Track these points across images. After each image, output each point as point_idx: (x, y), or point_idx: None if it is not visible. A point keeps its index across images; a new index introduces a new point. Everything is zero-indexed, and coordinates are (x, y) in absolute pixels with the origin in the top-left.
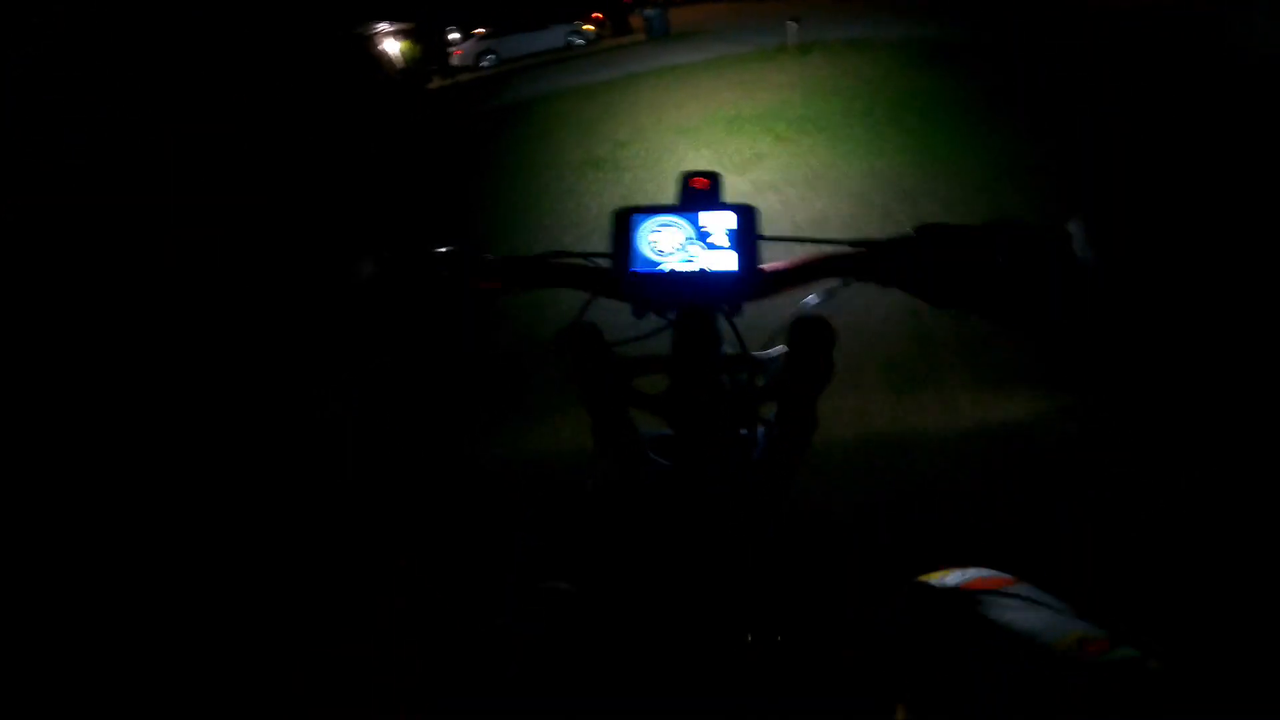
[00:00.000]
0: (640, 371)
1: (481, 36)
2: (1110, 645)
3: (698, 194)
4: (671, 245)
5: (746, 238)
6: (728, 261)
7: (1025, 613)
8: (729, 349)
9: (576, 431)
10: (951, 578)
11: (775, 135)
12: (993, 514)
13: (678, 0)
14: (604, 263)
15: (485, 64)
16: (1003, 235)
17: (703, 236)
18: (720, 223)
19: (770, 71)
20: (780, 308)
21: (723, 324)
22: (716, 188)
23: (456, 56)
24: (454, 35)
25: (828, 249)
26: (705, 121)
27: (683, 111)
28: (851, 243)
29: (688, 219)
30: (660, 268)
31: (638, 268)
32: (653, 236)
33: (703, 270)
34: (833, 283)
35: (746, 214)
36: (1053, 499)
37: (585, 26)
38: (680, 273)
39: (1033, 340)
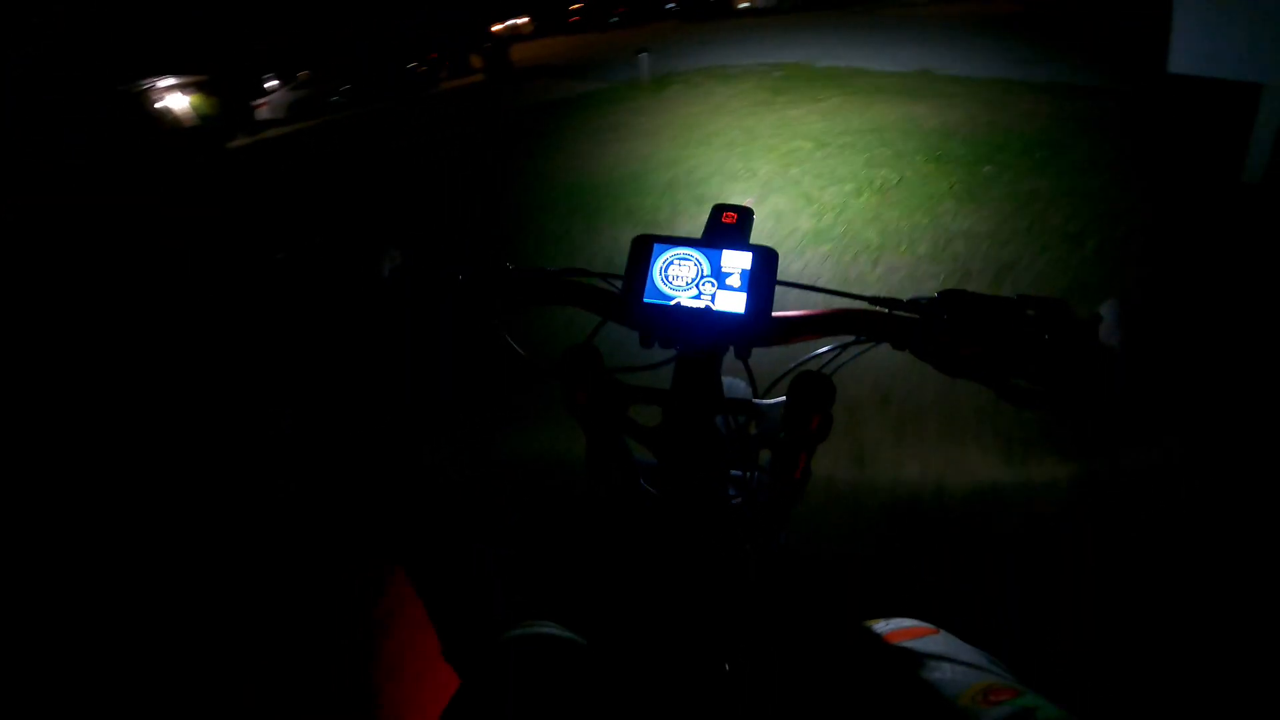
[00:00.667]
0: (636, 401)
1: (299, 84)
2: (1017, 694)
3: (725, 229)
4: (684, 280)
5: (761, 281)
6: (737, 304)
7: (938, 664)
8: (737, 391)
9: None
10: (878, 626)
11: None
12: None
13: (522, 35)
14: (618, 285)
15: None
16: (1027, 310)
17: (719, 274)
18: (738, 263)
19: (626, 114)
20: (795, 354)
21: (735, 363)
22: (745, 224)
23: (262, 109)
24: (272, 84)
25: (847, 303)
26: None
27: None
28: (871, 299)
29: (707, 255)
30: (671, 301)
31: (648, 298)
32: (670, 268)
33: (709, 309)
34: (846, 338)
35: (765, 256)
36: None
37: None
38: (688, 309)
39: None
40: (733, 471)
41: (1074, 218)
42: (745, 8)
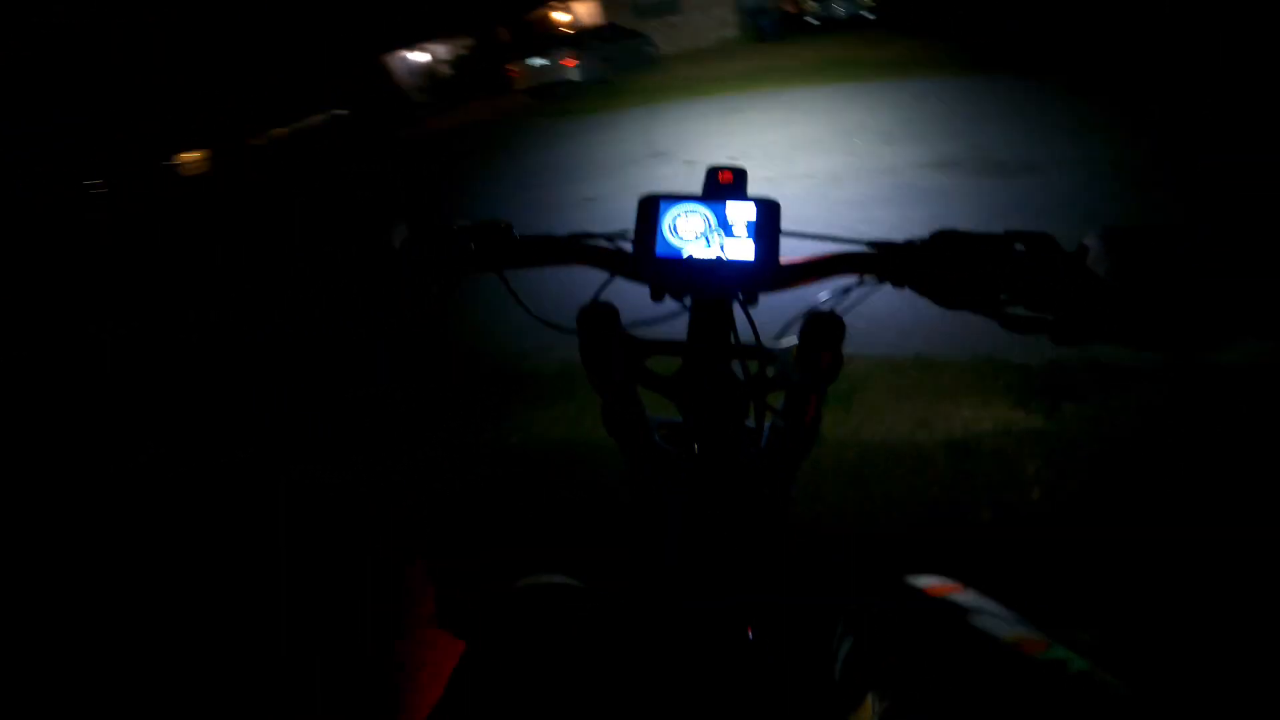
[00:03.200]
0: (653, 352)
1: None
2: (1047, 646)
3: (723, 187)
4: (694, 232)
5: (766, 230)
6: (745, 251)
7: (976, 617)
8: (743, 338)
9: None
10: (919, 582)
11: None
12: None
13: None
14: (626, 246)
15: None
16: (1015, 243)
17: (725, 226)
18: (743, 214)
19: None
20: (799, 301)
21: (739, 313)
22: (742, 182)
23: None
24: None
25: (846, 247)
26: None
27: None
28: (869, 243)
29: (712, 208)
30: (683, 253)
31: (660, 252)
32: (678, 222)
33: (720, 258)
34: (848, 280)
35: (769, 207)
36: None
37: None
38: (699, 259)
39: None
40: (748, 419)
41: None
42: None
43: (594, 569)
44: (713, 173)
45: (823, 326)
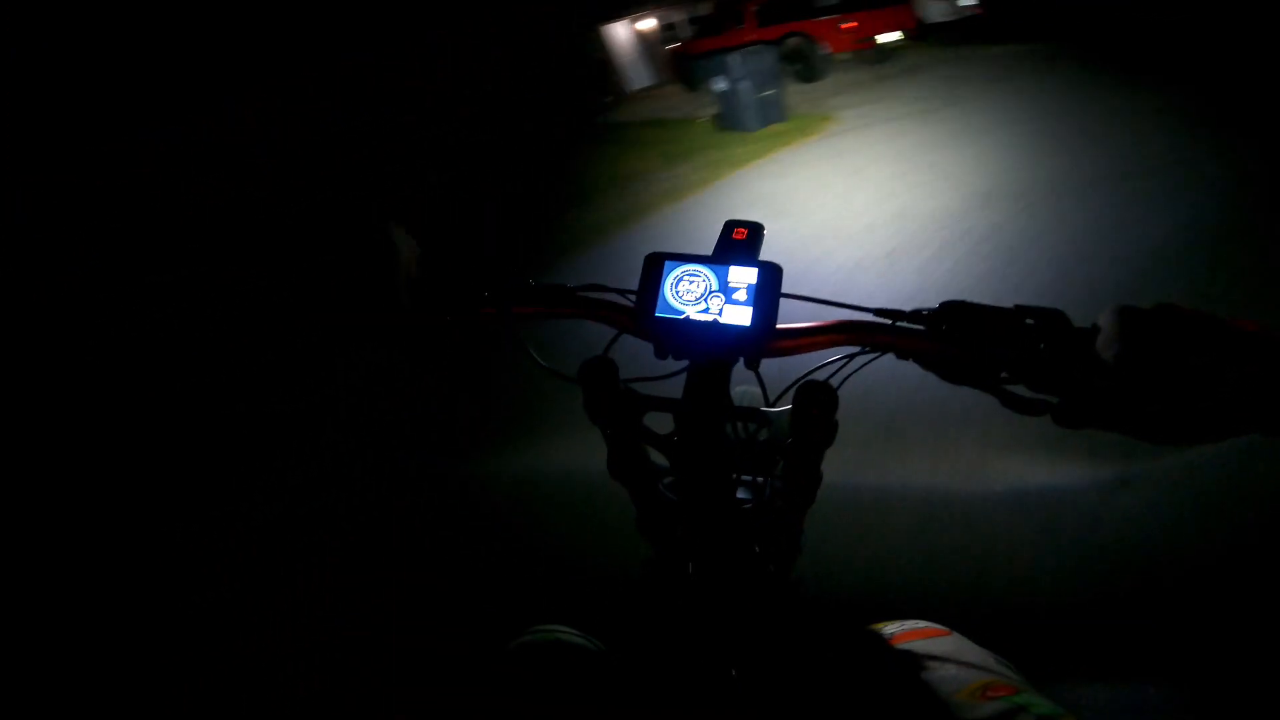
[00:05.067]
0: (651, 408)
1: None
2: (1015, 691)
3: (735, 245)
4: (694, 294)
5: (765, 295)
6: (742, 317)
7: (941, 664)
8: (748, 400)
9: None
10: (890, 628)
11: None
12: None
13: None
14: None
15: None
16: (1025, 319)
17: (726, 289)
18: (744, 278)
19: None
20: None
21: (746, 374)
22: (755, 240)
23: None
24: None
25: (849, 315)
26: None
27: None
28: (874, 311)
29: (715, 271)
30: (681, 315)
31: (659, 312)
32: (680, 284)
33: (716, 322)
34: (851, 349)
35: (770, 271)
36: None
37: None
38: (696, 322)
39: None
40: (745, 477)
41: None
42: None
43: (599, 616)
44: (729, 227)
45: (816, 396)
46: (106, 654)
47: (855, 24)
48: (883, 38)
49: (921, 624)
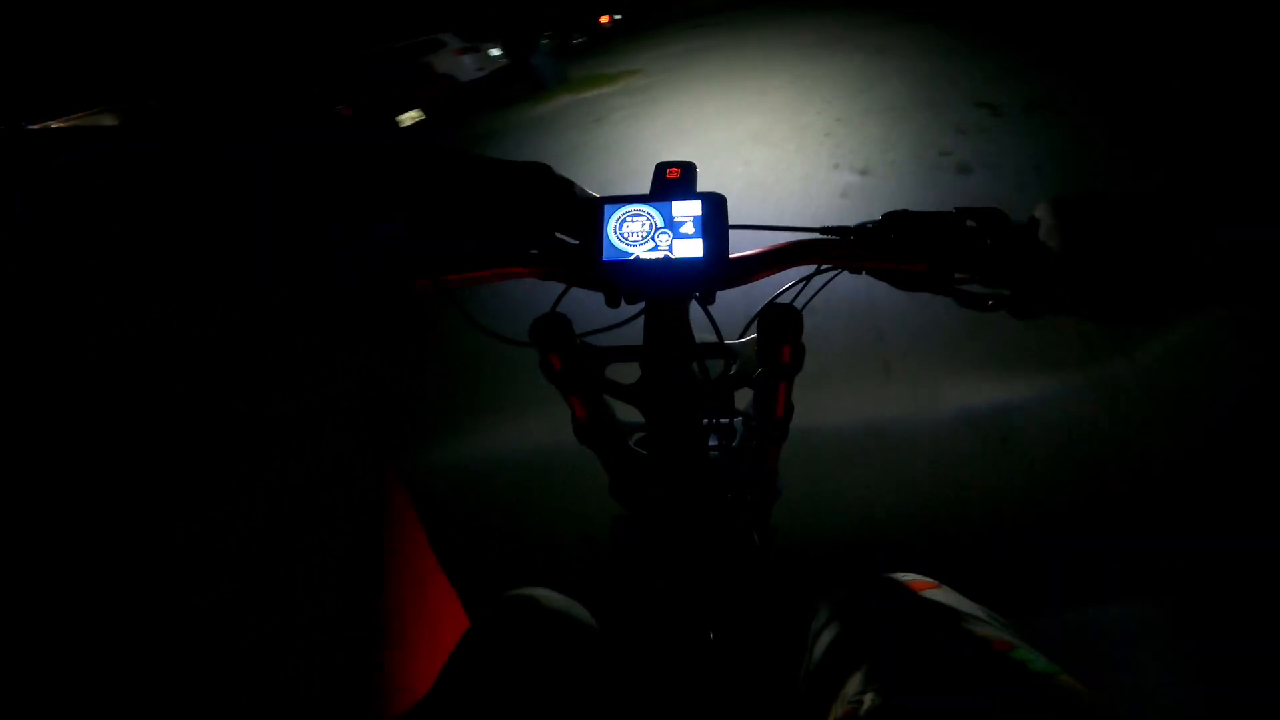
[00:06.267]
0: (613, 360)
1: None
2: (1012, 647)
3: (670, 184)
4: (640, 234)
5: (713, 226)
6: (694, 249)
7: (948, 614)
8: (704, 337)
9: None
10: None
11: None
12: None
13: None
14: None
15: None
16: (967, 220)
17: (672, 225)
18: (688, 211)
19: None
20: (761, 295)
21: (697, 312)
22: (690, 177)
23: None
24: None
25: (798, 236)
26: None
27: None
28: (820, 230)
29: (658, 208)
30: (629, 256)
31: (608, 256)
32: (623, 225)
33: (667, 258)
34: (804, 270)
35: (714, 202)
36: None
37: None
38: (647, 261)
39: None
40: (714, 421)
41: None
42: None
43: (579, 576)
44: (661, 169)
45: (781, 319)
46: (107, 655)
47: None
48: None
49: (912, 576)
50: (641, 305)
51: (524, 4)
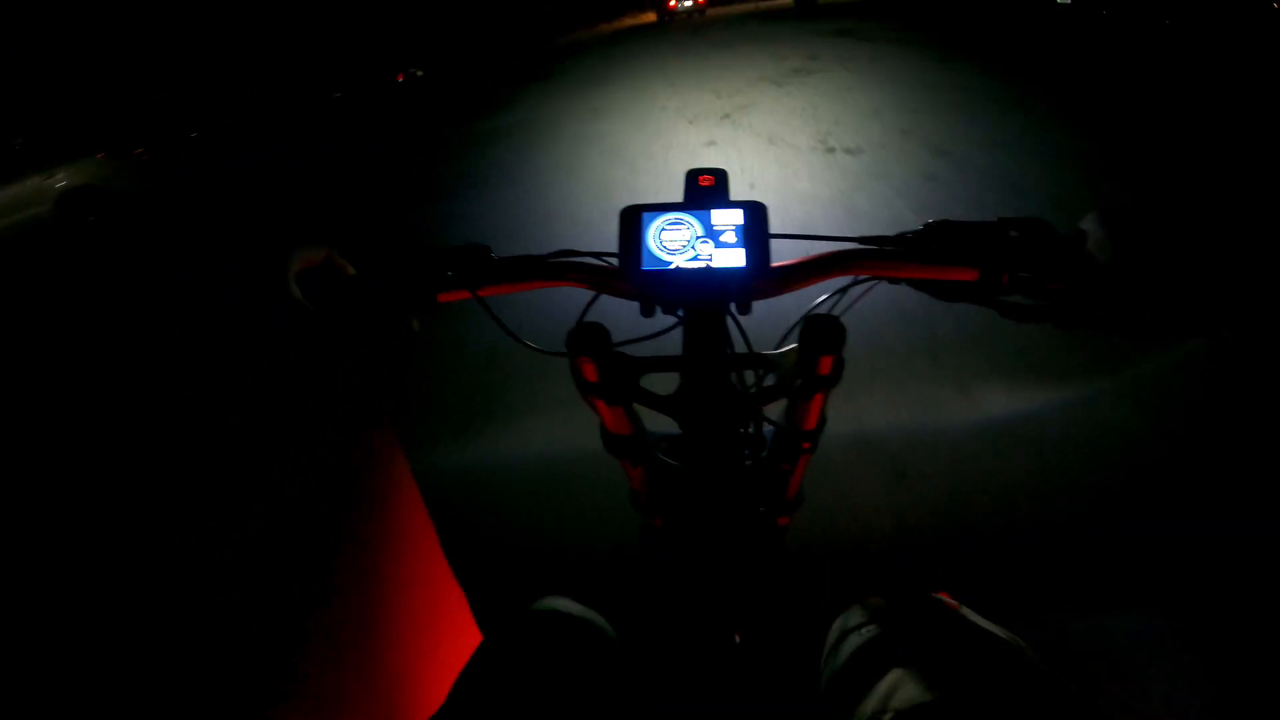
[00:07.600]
0: (649, 370)
1: None
2: (1041, 665)
3: (705, 191)
4: (680, 243)
5: (755, 235)
6: (735, 258)
7: (971, 626)
8: (740, 348)
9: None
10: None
11: None
12: None
13: None
14: (612, 262)
15: None
16: (1010, 231)
17: (712, 234)
18: (729, 220)
19: None
20: (798, 306)
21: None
22: (723, 184)
23: None
24: None
25: (838, 246)
26: None
27: None
28: (861, 240)
29: (697, 216)
30: (669, 265)
31: (646, 265)
32: (663, 234)
33: (709, 267)
34: (844, 280)
35: (756, 211)
36: None
37: None
38: (688, 270)
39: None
40: (749, 429)
41: None
42: None
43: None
44: (692, 176)
45: (824, 331)
46: (107, 664)
47: None
48: None
49: (935, 593)
50: (674, 316)
51: None
